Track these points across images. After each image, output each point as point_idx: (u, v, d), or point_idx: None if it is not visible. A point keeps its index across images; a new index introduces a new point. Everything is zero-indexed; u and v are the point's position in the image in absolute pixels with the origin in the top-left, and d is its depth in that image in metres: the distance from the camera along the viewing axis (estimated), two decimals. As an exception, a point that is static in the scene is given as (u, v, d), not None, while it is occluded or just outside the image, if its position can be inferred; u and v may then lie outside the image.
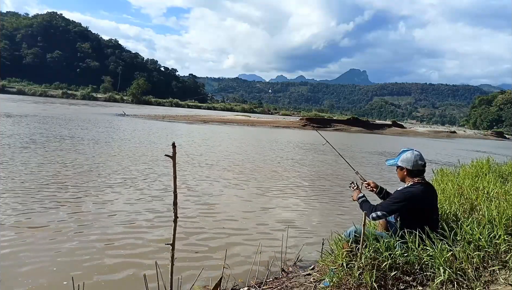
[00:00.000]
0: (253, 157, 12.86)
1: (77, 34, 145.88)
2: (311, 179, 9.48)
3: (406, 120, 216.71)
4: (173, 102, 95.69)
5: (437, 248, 2.51)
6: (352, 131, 41.12)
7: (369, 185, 3.20)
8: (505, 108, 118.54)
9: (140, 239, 4.37)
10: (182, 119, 34.81)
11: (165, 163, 9.66)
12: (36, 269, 3.43)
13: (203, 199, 6.46)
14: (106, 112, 36.89)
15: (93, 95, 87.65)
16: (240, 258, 4.08)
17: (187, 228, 4.87)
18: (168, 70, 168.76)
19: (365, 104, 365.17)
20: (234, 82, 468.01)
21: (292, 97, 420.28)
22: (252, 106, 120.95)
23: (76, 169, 7.99)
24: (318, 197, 7.54)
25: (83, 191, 6.27)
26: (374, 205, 2.83)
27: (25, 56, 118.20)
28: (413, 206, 2.72)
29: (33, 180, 6.62)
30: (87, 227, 4.59)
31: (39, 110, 29.27)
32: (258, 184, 8.21)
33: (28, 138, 11.98)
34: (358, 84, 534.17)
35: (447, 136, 52.97)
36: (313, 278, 3.23)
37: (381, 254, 2.60)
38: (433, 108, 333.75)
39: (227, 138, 20.86)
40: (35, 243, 4.01)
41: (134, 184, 7.13)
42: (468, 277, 2.40)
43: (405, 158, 2.88)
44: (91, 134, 15.27)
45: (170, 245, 1.94)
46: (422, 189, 2.76)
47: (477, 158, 7.87)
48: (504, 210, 3.21)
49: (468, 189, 4.44)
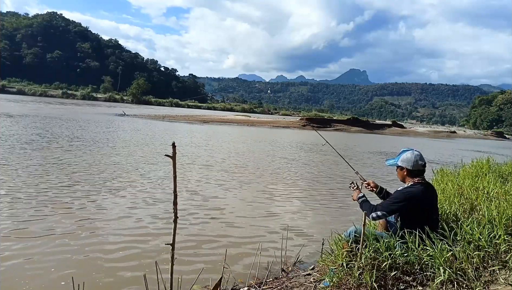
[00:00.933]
0: (253, 157, 12.86)
1: (77, 34, 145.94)
2: (311, 179, 9.47)
3: (406, 120, 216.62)
4: (173, 102, 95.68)
5: (437, 248, 2.52)
6: (352, 131, 41.11)
7: (369, 185, 3.20)
8: (505, 108, 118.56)
9: (140, 239, 4.36)
10: (182, 119, 34.81)
11: (165, 163, 9.66)
12: (35, 269, 3.42)
13: (203, 199, 6.46)
14: (106, 112, 36.90)
15: (93, 95, 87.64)
16: (240, 258, 4.07)
17: (187, 228, 4.86)
18: (168, 70, 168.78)
19: (365, 104, 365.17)
20: (234, 82, 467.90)
21: (292, 97, 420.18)
22: (252, 106, 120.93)
23: (76, 169, 7.99)
24: (318, 197, 7.53)
25: (82, 191, 6.27)
26: (374, 205, 2.83)
27: (25, 56, 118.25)
28: (413, 206, 2.72)
29: (33, 180, 6.61)
30: (87, 227, 4.59)
31: (39, 110, 29.27)
32: (258, 184, 8.21)
33: (28, 138, 11.98)
34: (358, 84, 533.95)
35: (447, 136, 52.96)
36: (313, 278, 3.23)
37: (381, 254, 2.60)
38: (433, 108, 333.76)
39: (227, 138, 20.86)
40: (34, 243, 4.00)
41: (133, 184, 7.12)
42: (468, 277, 2.40)
43: (405, 158, 2.87)
44: (91, 134, 15.27)
45: (170, 245, 1.94)
46: (422, 189, 2.76)
47: (477, 158, 7.87)
48: (504, 210, 3.21)
49: (468, 189, 4.45)
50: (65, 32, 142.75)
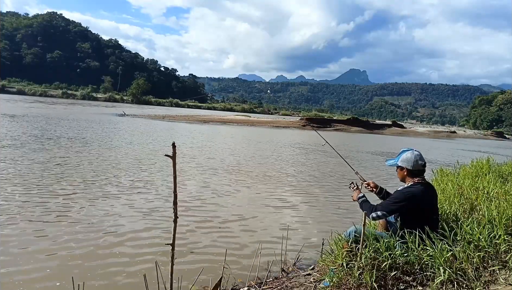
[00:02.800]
0: (253, 157, 12.86)
1: (77, 34, 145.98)
2: (311, 179, 9.47)
3: (406, 120, 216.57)
4: (173, 102, 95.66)
5: (437, 248, 2.51)
6: (352, 131, 41.11)
7: (369, 185, 3.21)
8: (505, 108, 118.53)
9: (140, 239, 4.36)
10: (182, 119, 34.81)
11: (165, 163, 9.66)
12: (35, 269, 3.42)
13: (203, 199, 6.46)
14: (106, 112, 36.89)
15: (93, 95, 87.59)
16: (240, 258, 4.07)
17: (187, 228, 4.86)
18: (168, 70, 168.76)
19: (365, 104, 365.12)
20: (234, 82, 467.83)
21: (292, 97, 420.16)
22: (252, 106, 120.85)
23: (76, 169, 7.99)
24: (318, 197, 7.53)
25: (82, 191, 6.27)
26: (374, 205, 2.83)
27: (25, 56, 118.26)
28: (413, 206, 2.72)
29: (32, 180, 6.61)
30: (87, 227, 4.59)
31: (39, 110, 29.26)
32: (258, 185, 8.21)
33: (28, 138, 11.98)
34: (358, 84, 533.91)
35: (447, 136, 52.95)
36: (313, 278, 3.23)
37: (381, 254, 2.60)
38: (433, 108, 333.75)
39: (226, 138, 20.86)
40: (34, 243, 4.01)
41: (133, 184, 7.12)
42: (468, 277, 2.40)
43: (405, 158, 2.88)
44: (91, 135, 15.27)
45: (170, 245, 1.94)
46: (422, 189, 2.76)
47: (477, 158, 7.86)
48: (504, 210, 3.21)
49: (468, 189, 4.44)
50: (65, 32, 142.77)
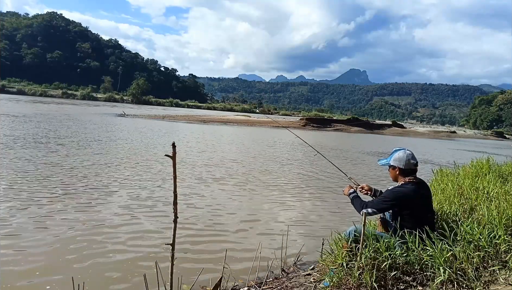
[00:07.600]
0: (253, 158, 12.86)
1: (77, 34, 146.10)
2: (311, 179, 9.47)
3: (406, 120, 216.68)
4: (173, 102, 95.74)
5: (437, 248, 2.51)
6: (352, 131, 41.12)
7: (363, 188, 3.27)
8: (505, 108, 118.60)
9: (140, 239, 4.36)
10: (182, 119, 34.81)
11: (165, 163, 9.65)
12: (35, 269, 3.42)
13: (203, 199, 6.46)
14: (106, 112, 36.89)
15: (93, 95, 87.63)
16: (240, 258, 4.07)
17: (187, 228, 4.86)
18: (168, 70, 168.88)
19: (365, 104, 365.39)
20: (234, 82, 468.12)
21: (292, 97, 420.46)
22: (252, 106, 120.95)
23: (76, 169, 7.98)
24: (318, 197, 7.53)
25: (82, 191, 6.26)
26: (365, 201, 2.88)
27: (25, 56, 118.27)
28: (404, 205, 2.74)
29: (32, 180, 6.61)
30: (86, 227, 4.58)
31: (39, 110, 29.26)
32: (258, 185, 8.20)
33: (28, 138, 11.98)
34: (358, 84, 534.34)
35: (447, 136, 52.95)
36: (313, 278, 3.23)
37: (381, 254, 2.60)
38: (433, 108, 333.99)
39: (226, 138, 20.86)
40: (34, 243, 4.00)
41: (134, 184, 7.12)
42: (468, 277, 2.40)
43: (397, 157, 2.90)
44: (91, 135, 15.27)
45: (170, 245, 1.94)
46: (414, 189, 2.78)
47: (477, 158, 7.86)
48: (504, 210, 3.21)
49: (468, 189, 4.44)
50: (65, 32, 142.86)
